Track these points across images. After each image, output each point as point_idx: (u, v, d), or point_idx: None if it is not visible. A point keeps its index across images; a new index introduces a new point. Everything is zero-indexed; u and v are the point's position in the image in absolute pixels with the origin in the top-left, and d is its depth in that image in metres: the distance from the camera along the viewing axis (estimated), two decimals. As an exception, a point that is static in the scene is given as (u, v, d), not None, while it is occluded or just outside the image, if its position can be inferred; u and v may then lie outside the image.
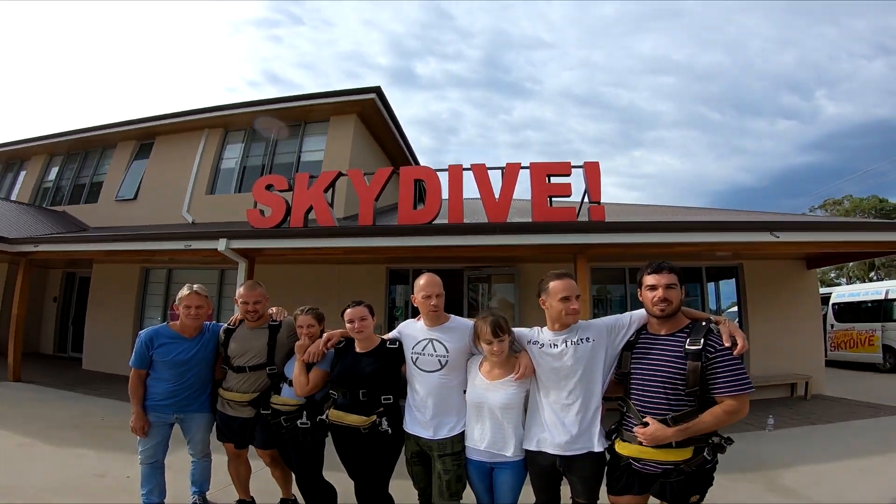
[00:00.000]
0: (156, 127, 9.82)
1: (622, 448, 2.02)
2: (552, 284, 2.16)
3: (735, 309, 7.43)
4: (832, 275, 24.67)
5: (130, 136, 10.28)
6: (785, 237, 5.18)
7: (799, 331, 7.05)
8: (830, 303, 10.66)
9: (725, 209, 9.62)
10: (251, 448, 2.96)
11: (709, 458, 1.90)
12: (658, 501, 2.00)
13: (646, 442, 1.89)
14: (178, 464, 3.04)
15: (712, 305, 7.48)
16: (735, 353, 1.86)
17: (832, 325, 10.49)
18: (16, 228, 7.90)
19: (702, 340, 1.89)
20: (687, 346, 1.91)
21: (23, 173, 12.13)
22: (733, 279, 7.34)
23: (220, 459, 3.04)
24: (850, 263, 23.49)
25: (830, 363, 9.10)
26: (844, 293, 10.94)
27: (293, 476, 2.96)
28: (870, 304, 10.00)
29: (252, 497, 3.08)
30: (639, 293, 2.08)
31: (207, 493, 3.07)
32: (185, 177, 9.16)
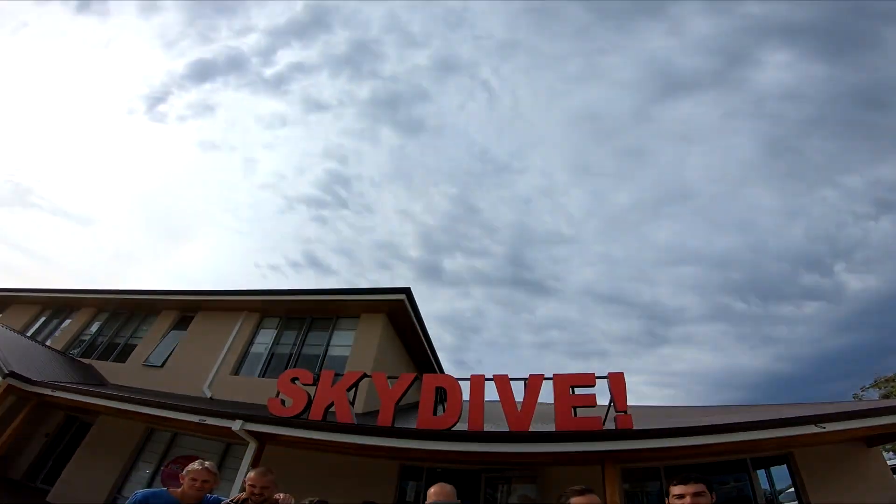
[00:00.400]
0: (199, 301, 10.44)
1: None
2: (573, 500, 2.07)
3: (792, 490, 6.65)
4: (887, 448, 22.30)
5: (174, 306, 10.91)
6: (832, 427, 4.90)
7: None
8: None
9: (765, 405, 9.09)
10: None
11: None
12: None
13: None
14: None
15: (765, 486, 6.71)
16: None
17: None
18: (37, 371, 8.16)
19: None
20: None
21: (67, 321, 12.67)
22: (784, 465, 6.68)
23: None
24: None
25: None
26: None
27: None
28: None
29: None
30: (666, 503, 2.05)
31: None
32: (215, 353, 9.46)
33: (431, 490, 2.44)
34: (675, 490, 2.06)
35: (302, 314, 9.54)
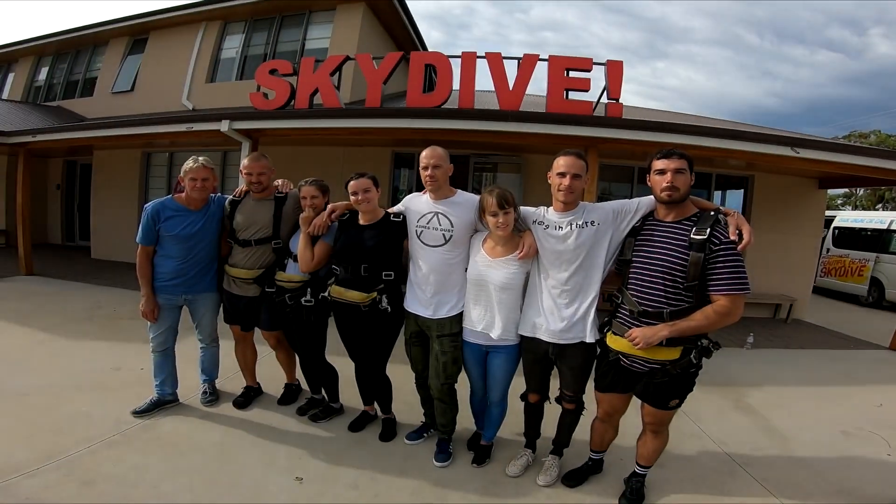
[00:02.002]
0: (149, 23, 9.29)
1: (613, 342, 2.02)
2: (557, 159, 2.08)
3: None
4: (840, 201, 24.55)
5: (123, 33, 9.82)
6: (805, 153, 5.06)
7: (796, 250, 7.11)
8: (832, 226, 10.65)
9: (741, 122, 9.23)
10: (257, 333, 2.99)
11: (695, 361, 1.88)
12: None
13: (638, 343, 1.85)
14: (187, 353, 3.11)
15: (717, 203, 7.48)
16: (740, 247, 1.79)
17: (828, 250, 10.58)
18: (10, 123, 7.70)
19: (708, 230, 1.80)
20: (692, 235, 1.83)
21: (11, 75, 11.81)
22: (742, 190, 7.28)
23: (227, 347, 3.10)
24: (860, 192, 23.12)
25: (817, 290, 9.23)
26: (848, 217, 10.87)
27: (297, 360, 3.03)
28: (870, 233, 9.99)
29: (258, 383, 3.17)
30: (648, 178, 1.99)
31: (216, 380, 3.13)
32: (183, 67, 8.81)
33: (424, 153, 2.27)
34: (658, 164, 1.92)
35: (270, 13, 8.53)
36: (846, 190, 23.42)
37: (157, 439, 2.60)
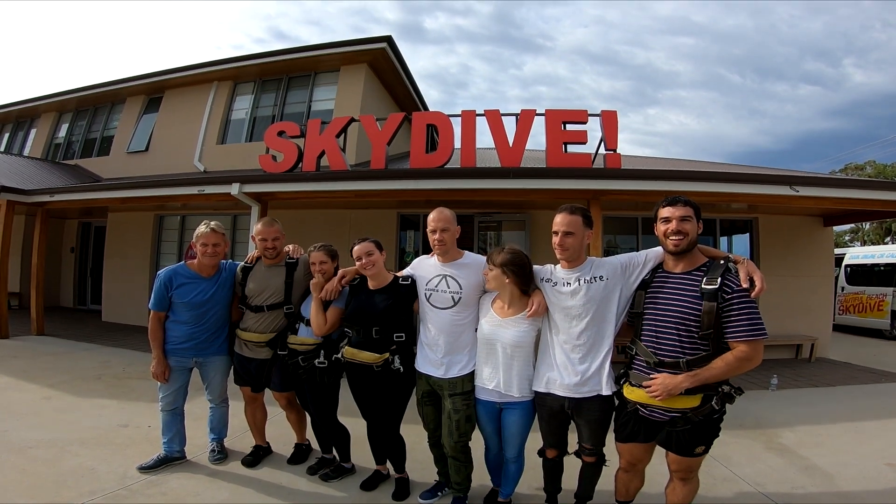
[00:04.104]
0: (164, 81, 9.79)
1: (630, 393, 1.98)
2: (555, 217, 2.11)
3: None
4: (847, 238, 24.34)
5: (139, 91, 10.29)
6: (804, 191, 5.07)
7: (810, 290, 6.99)
8: (843, 264, 10.51)
9: (742, 164, 9.39)
10: (267, 394, 3.00)
11: (717, 407, 1.83)
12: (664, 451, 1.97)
13: (658, 395, 1.83)
14: (196, 412, 3.14)
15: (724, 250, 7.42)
16: (753, 294, 1.78)
17: (842, 288, 10.40)
18: (31, 181, 7.96)
19: (719, 280, 1.79)
20: (703, 286, 1.82)
21: (33, 131, 12.25)
22: (747, 234, 7.25)
23: (236, 407, 3.12)
24: (867, 226, 23.02)
25: (837, 328, 9.03)
26: (859, 254, 10.76)
27: (307, 420, 3.01)
28: (883, 268, 9.85)
29: (268, 442, 3.15)
30: (654, 228, 1.99)
31: (225, 439, 3.12)
32: (195, 128, 9.18)
33: (431, 216, 2.35)
34: (663, 213, 1.94)
35: (277, 74, 8.99)
36: (853, 225, 23.41)
37: (164, 495, 2.54)
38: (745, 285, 1.79)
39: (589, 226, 2.12)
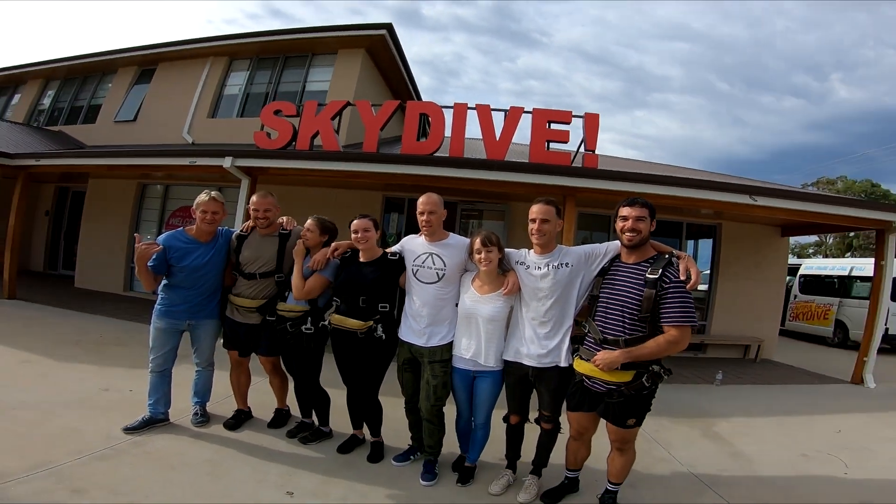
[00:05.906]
0: (159, 54, 9.74)
1: (579, 366, 2.31)
2: (532, 207, 2.45)
3: (707, 271, 7.89)
4: (811, 250, 25.34)
5: (132, 62, 10.20)
6: (762, 201, 5.49)
7: (762, 296, 7.50)
8: (798, 273, 11.23)
9: (715, 172, 9.93)
10: (252, 363, 3.14)
11: (647, 384, 2.11)
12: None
13: (601, 367, 2.12)
14: (178, 379, 3.19)
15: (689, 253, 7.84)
16: (688, 287, 2.06)
17: (795, 296, 11.10)
18: (13, 145, 7.83)
19: (660, 270, 2.08)
20: (647, 275, 2.12)
21: (17, 97, 12.00)
22: (711, 239, 7.75)
23: (218, 374, 3.23)
24: (830, 240, 24.06)
25: (786, 332, 9.73)
26: (813, 266, 11.50)
27: (289, 386, 3.22)
28: (833, 279, 10.57)
29: (249, 407, 3.29)
30: (615, 224, 2.28)
31: (207, 403, 3.22)
32: (187, 100, 9.17)
33: (421, 199, 2.61)
34: (622, 211, 2.24)
35: (275, 53, 9.06)
36: (817, 238, 24.42)
37: (148, 454, 2.66)
38: (682, 277, 2.08)
39: (560, 216, 2.49)
